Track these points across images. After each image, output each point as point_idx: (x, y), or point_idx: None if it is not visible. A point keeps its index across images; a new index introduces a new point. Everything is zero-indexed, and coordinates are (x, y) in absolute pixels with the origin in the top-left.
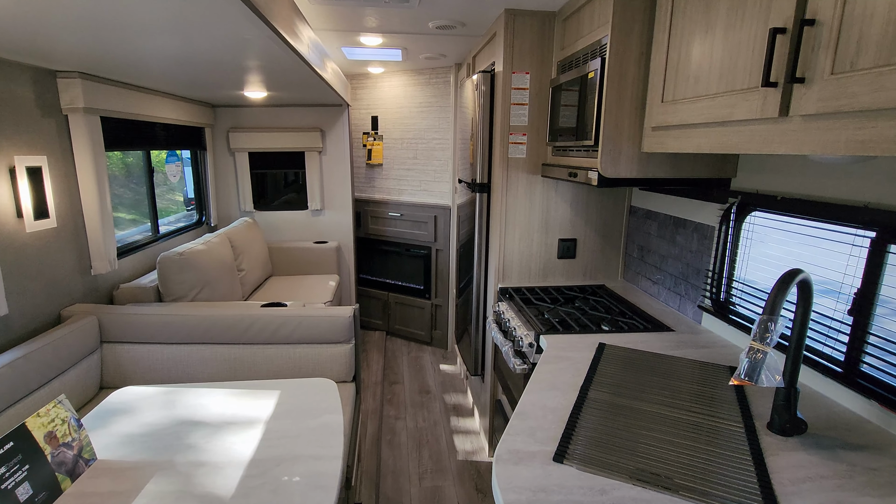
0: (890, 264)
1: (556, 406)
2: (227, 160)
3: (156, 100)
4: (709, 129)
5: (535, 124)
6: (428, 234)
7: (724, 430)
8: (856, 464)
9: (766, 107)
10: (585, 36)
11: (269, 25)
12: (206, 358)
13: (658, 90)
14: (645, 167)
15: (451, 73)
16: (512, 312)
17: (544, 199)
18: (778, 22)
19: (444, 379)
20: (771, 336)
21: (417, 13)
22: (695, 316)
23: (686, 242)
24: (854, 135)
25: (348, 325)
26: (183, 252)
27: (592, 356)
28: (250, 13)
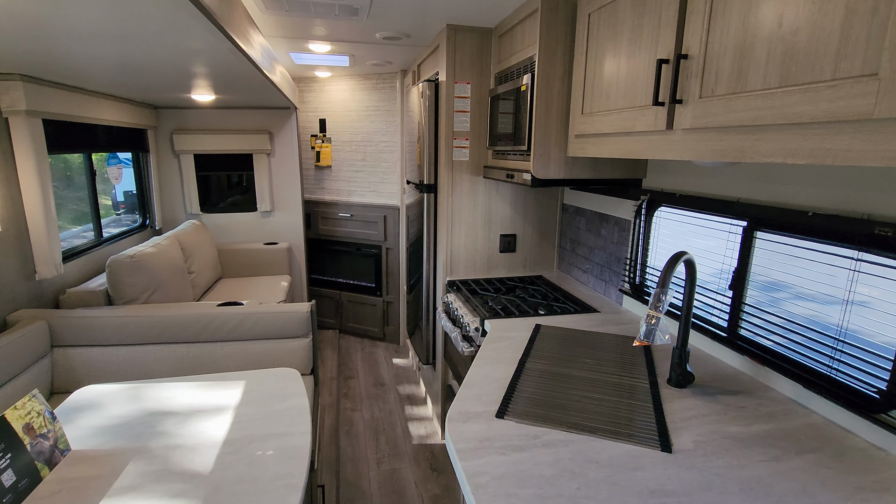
0: (757, 248)
1: (499, 376)
2: (172, 162)
3: (98, 101)
4: (618, 138)
5: (477, 130)
6: (378, 233)
7: (635, 386)
8: (729, 404)
9: (657, 121)
10: (518, 52)
11: (227, 36)
12: (163, 357)
13: (579, 103)
14: (571, 169)
15: (397, 79)
16: (459, 302)
17: (486, 199)
18: (663, 54)
19: (397, 372)
20: (662, 305)
21: (365, 25)
22: (617, 298)
23: (609, 235)
24: (716, 145)
25: (306, 319)
26: (134, 255)
27: (530, 335)
28: (210, 25)
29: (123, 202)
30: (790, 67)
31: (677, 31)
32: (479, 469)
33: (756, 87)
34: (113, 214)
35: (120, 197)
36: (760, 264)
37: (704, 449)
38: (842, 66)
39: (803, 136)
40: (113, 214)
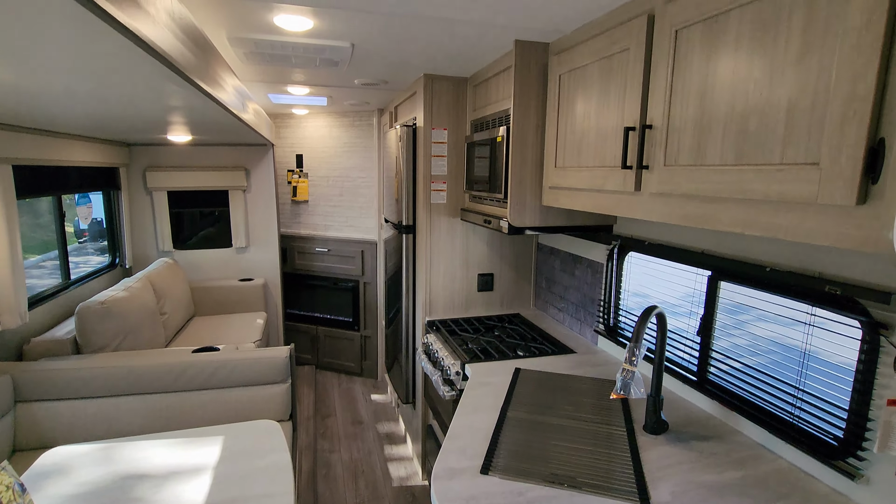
0: (721, 297)
1: (481, 426)
2: (144, 199)
3: (70, 143)
4: (590, 193)
5: (454, 173)
6: (355, 267)
7: (613, 434)
8: (703, 451)
9: (626, 183)
10: (493, 104)
11: (205, 94)
12: (134, 409)
13: (552, 156)
14: (545, 217)
15: (374, 117)
16: (439, 343)
17: (464, 239)
18: (629, 122)
19: (375, 408)
20: (636, 358)
21: (344, 73)
22: (592, 338)
23: (583, 276)
24: (681, 210)
25: (285, 364)
26: (105, 300)
27: (510, 380)
28: (190, 86)
29: (86, 230)
30: (744, 147)
31: (641, 102)
32: None
33: (714, 162)
34: (75, 243)
35: (83, 225)
36: (726, 312)
37: (681, 500)
38: (788, 152)
39: (758, 210)
40: (75, 243)
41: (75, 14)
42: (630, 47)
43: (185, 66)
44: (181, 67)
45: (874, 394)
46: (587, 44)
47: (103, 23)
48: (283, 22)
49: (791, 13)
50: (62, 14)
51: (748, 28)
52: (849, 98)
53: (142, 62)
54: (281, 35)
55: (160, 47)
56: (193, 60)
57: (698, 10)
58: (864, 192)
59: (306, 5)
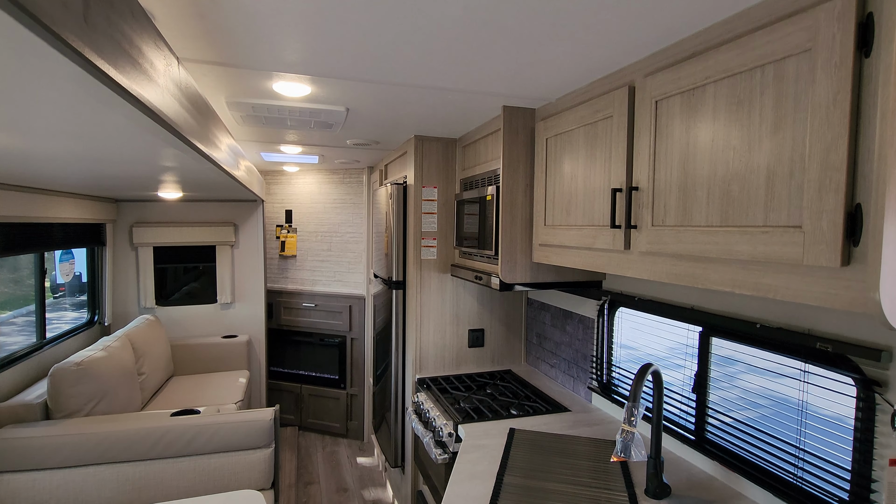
0: (714, 353)
1: (478, 495)
2: (128, 254)
3: (57, 200)
4: (580, 251)
5: (444, 230)
6: (343, 323)
7: (614, 499)
8: None
9: (615, 242)
10: (482, 164)
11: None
12: (104, 481)
13: (541, 215)
14: (536, 274)
15: (364, 174)
16: (431, 403)
17: (454, 295)
18: (616, 184)
19: (361, 473)
20: (636, 419)
21: (337, 135)
22: (586, 395)
23: (574, 331)
24: (671, 269)
25: (269, 428)
26: (80, 361)
27: (504, 442)
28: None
29: (63, 284)
30: (728, 210)
31: (627, 166)
32: None
33: (701, 224)
34: (51, 297)
35: (59, 279)
36: (719, 369)
37: None
38: (771, 216)
39: (746, 271)
40: (51, 297)
41: (83, 82)
42: (613, 115)
43: (187, 131)
44: (183, 132)
45: (875, 453)
46: (572, 111)
47: (111, 91)
48: (281, 88)
49: (762, 90)
50: (69, 81)
51: (724, 102)
52: (824, 167)
53: (145, 128)
54: (279, 100)
55: (165, 114)
56: (194, 125)
57: (675, 84)
58: (848, 255)
59: (305, 74)
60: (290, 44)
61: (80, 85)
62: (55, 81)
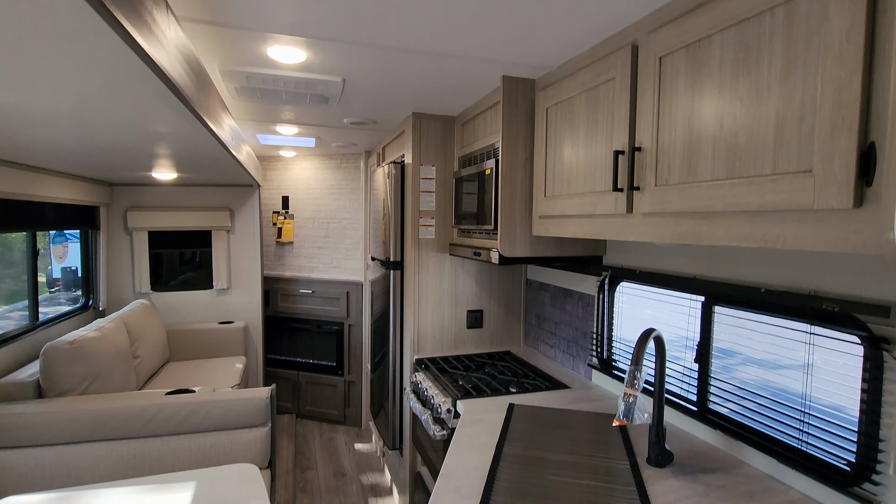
0: (717, 322)
1: (477, 464)
2: (123, 239)
3: (49, 179)
4: (581, 220)
5: (442, 209)
6: (340, 310)
7: (615, 468)
8: (710, 484)
9: (617, 206)
10: (481, 139)
11: (201, 121)
12: (98, 458)
13: (541, 187)
14: (535, 248)
15: (361, 160)
16: (429, 381)
17: (453, 275)
18: (618, 146)
19: (359, 458)
20: (638, 382)
21: (334, 111)
22: (586, 373)
23: (574, 310)
24: (673, 229)
25: (265, 406)
26: (73, 340)
27: (504, 416)
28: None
29: (59, 279)
30: (734, 163)
31: (629, 128)
32: None
33: (706, 178)
34: (47, 292)
35: (56, 273)
36: (722, 338)
37: None
38: (780, 163)
39: (752, 223)
40: (47, 292)
41: (89, 22)
42: (615, 77)
43: (188, 94)
44: (184, 92)
45: (882, 412)
46: (573, 77)
47: (115, 34)
48: (276, 54)
49: (772, 34)
50: (75, 20)
51: (731, 51)
52: (836, 107)
53: (145, 82)
54: (273, 68)
55: (167, 69)
56: (194, 90)
57: (680, 38)
58: (860, 196)
59: (301, 36)
60: (285, 0)
61: (83, 23)
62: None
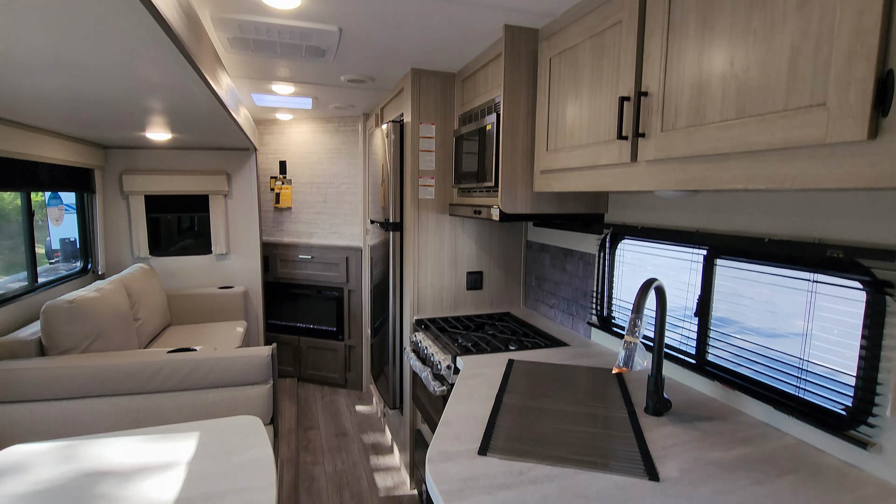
0: (719, 275)
1: (476, 413)
2: (119, 203)
3: (40, 138)
4: (583, 172)
5: (442, 169)
6: (340, 275)
7: (613, 417)
8: (707, 430)
9: (621, 154)
10: (482, 95)
11: (194, 67)
12: (102, 413)
13: (543, 141)
14: (537, 204)
15: (359, 123)
16: (429, 340)
17: (452, 236)
18: (624, 92)
19: (360, 420)
20: (639, 330)
21: (330, 67)
22: (585, 332)
23: (574, 270)
24: (679, 175)
25: (266, 364)
26: (73, 300)
27: (503, 371)
28: (178, 55)
29: (59, 250)
30: (745, 101)
31: (636, 73)
32: None
33: (714, 120)
34: (46, 264)
35: (55, 244)
36: (723, 290)
37: (690, 476)
38: (792, 98)
39: (761, 164)
40: (46, 264)
41: None
42: (623, 20)
43: (180, 33)
44: (175, 31)
45: (882, 357)
46: (578, 23)
47: None
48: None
49: None
50: None
51: None
52: (854, 33)
53: (135, 16)
54: (267, 15)
55: (162, 8)
56: (186, 31)
57: None
58: (875, 127)
59: None
60: None
61: None
62: None
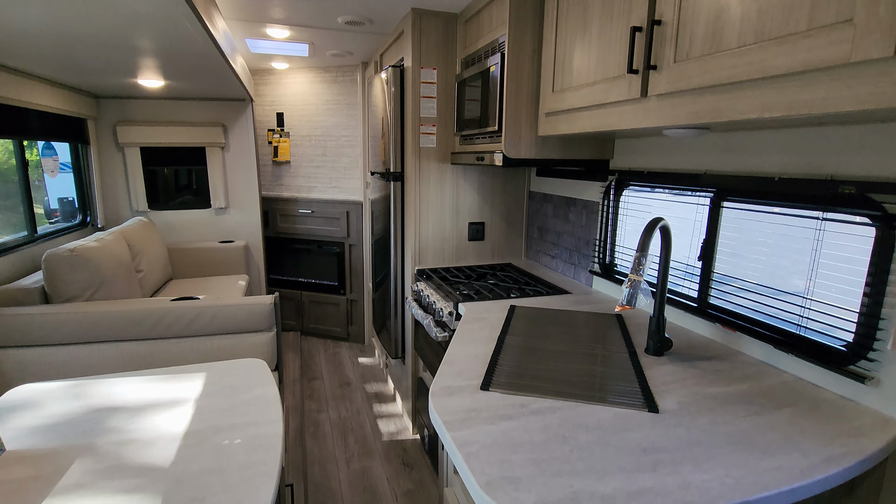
0: (725, 215)
1: (479, 353)
2: (115, 156)
3: (29, 83)
4: (591, 112)
5: (444, 117)
6: (340, 229)
7: (614, 356)
8: (706, 369)
9: (631, 90)
10: (485, 35)
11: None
12: (109, 357)
13: (549, 81)
14: (541, 149)
15: (357, 72)
16: (431, 289)
17: (454, 186)
18: (636, 22)
19: (363, 371)
20: (643, 268)
21: (326, 7)
22: (587, 281)
23: (577, 219)
24: (691, 107)
25: (269, 311)
26: (74, 248)
27: (505, 316)
28: None
29: (57, 210)
30: (765, 23)
31: (649, 0)
32: (468, 438)
33: (731, 46)
34: (46, 224)
35: (54, 204)
36: (728, 233)
37: (689, 409)
38: (816, 15)
39: (779, 89)
40: (46, 224)
41: None
42: None
43: None
44: None
45: (888, 291)
46: None
47: None
48: None
49: None
50: None
51: None
52: None
53: None
54: None
55: None
56: None
57: None
58: None
59: None
60: None
61: None
62: None
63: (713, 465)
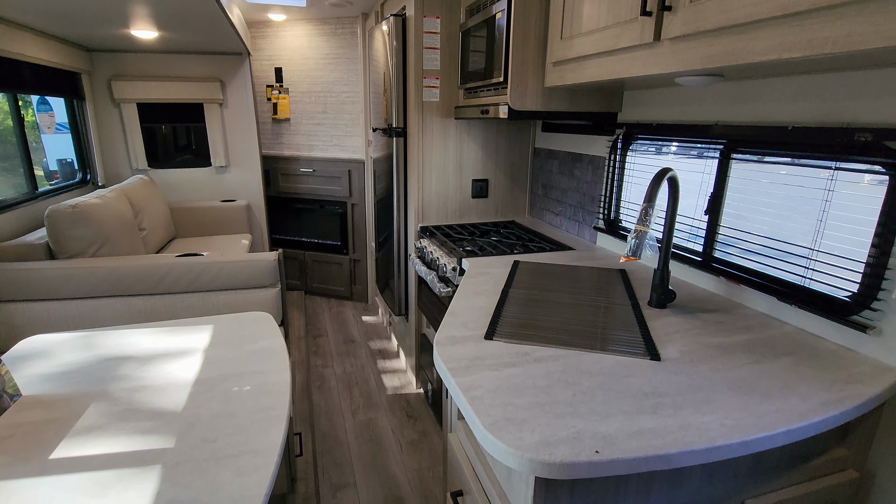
0: (734, 169)
1: (482, 305)
2: (112, 112)
3: (20, 34)
4: (600, 59)
5: (447, 70)
6: (342, 189)
7: (617, 308)
8: (708, 320)
9: (643, 34)
10: None
11: None
12: (117, 311)
13: (558, 28)
14: (548, 101)
15: (357, 24)
16: (434, 246)
17: (458, 142)
18: None
19: (367, 328)
20: (650, 219)
21: None
22: (591, 237)
23: (582, 175)
24: (706, 51)
25: (273, 268)
26: (76, 204)
27: (509, 270)
28: None
29: (57, 171)
30: None
31: None
32: (473, 384)
33: None
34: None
35: (53, 165)
36: (736, 186)
37: (691, 357)
38: None
39: (799, 27)
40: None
41: None
42: None
43: None
44: None
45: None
46: None
47: None
48: None
49: None
50: None
51: None
52: None
53: None
54: None
55: None
56: None
57: None
58: None
59: None
60: None
61: None
62: None
63: (713, 408)
